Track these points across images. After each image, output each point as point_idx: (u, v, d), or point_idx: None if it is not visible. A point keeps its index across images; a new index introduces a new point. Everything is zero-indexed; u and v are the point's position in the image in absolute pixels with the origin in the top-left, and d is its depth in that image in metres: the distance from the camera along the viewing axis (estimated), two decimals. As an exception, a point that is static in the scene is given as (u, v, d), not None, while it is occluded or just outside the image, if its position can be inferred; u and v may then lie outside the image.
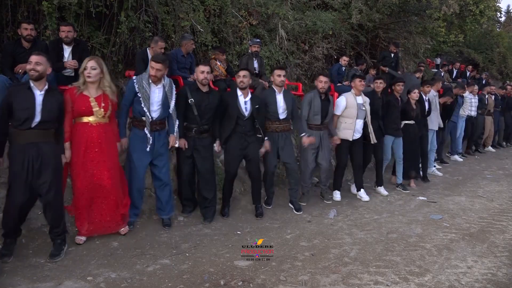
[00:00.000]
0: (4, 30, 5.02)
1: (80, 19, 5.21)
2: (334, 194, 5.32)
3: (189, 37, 5.62)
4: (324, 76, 4.84)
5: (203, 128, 4.15)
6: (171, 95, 3.95)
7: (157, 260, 3.35)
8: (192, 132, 4.13)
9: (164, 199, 4.06)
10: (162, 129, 3.98)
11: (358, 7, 8.32)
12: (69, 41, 4.54)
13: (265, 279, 3.06)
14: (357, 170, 5.39)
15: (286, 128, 4.68)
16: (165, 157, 4.02)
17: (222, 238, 3.87)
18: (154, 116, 3.85)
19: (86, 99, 3.45)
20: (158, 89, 3.87)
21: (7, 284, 2.86)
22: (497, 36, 15.68)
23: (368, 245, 3.76)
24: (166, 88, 3.92)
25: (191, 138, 4.14)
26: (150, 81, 3.81)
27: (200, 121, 4.11)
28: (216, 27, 6.75)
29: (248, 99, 4.35)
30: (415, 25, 9.60)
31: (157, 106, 3.85)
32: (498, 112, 9.44)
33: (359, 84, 5.12)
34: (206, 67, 4.11)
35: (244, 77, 4.29)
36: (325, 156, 4.94)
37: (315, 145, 4.82)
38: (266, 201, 4.85)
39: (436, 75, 9.86)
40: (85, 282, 2.95)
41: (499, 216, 4.71)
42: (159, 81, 3.87)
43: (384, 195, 5.55)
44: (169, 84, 3.98)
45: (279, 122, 4.59)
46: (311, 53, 8.14)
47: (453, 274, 3.20)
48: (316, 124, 4.83)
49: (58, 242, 3.34)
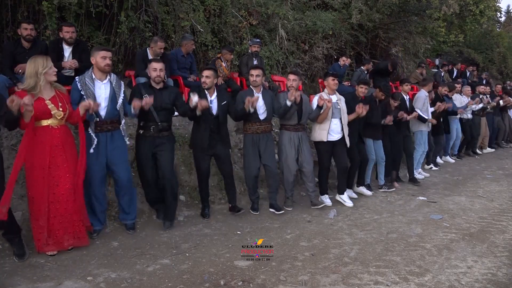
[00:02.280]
0: (4, 30, 5.03)
1: (80, 19, 5.23)
2: (323, 199, 5.02)
3: (189, 37, 5.62)
4: (293, 73, 4.65)
5: (162, 126, 3.93)
6: (119, 91, 3.70)
7: (157, 260, 3.35)
8: (151, 131, 3.90)
9: (126, 205, 3.84)
10: (115, 129, 3.68)
11: (358, 7, 8.32)
12: (72, 42, 4.54)
13: (265, 279, 3.06)
14: (341, 173, 5.10)
15: (267, 129, 4.54)
16: (122, 160, 3.73)
17: (222, 238, 3.87)
18: (103, 115, 3.58)
19: (41, 102, 3.19)
20: (104, 85, 3.62)
21: (7, 284, 2.86)
22: (497, 36, 15.69)
23: (368, 245, 3.76)
24: (114, 83, 3.68)
25: (150, 137, 3.91)
26: (94, 77, 3.58)
27: (158, 119, 3.88)
28: (216, 27, 6.75)
29: (214, 98, 4.22)
30: (415, 25, 9.60)
31: (104, 104, 3.58)
32: (492, 114, 9.11)
33: (332, 83, 4.88)
34: (159, 64, 3.91)
35: (207, 77, 4.15)
36: (306, 158, 4.73)
37: (295, 146, 4.66)
38: (252, 206, 4.66)
39: (436, 75, 9.85)
40: (85, 282, 2.95)
41: (499, 216, 4.71)
42: (105, 77, 3.63)
43: (367, 195, 5.41)
44: (117, 80, 3.74)
45: (259, 123, 4.45)
46: (311, 53, 8.15)
47: (453, 274, 3.20)
48: (293, 125, 4.66)
49: (16, 241, 3.24)
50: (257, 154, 4.47)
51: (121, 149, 3.72)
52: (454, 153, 8.17)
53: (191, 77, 5.59)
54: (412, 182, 6.22)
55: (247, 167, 4.53)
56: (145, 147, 3.92)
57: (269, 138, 4.56)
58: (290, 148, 4.65)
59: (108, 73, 3.67)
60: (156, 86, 3.97)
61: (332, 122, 4.85)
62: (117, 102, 3.67)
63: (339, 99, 4.97)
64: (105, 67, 3.57)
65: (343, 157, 5.03)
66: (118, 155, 3.68)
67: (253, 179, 4.52)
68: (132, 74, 5.21)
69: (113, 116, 3.65)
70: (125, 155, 3.79)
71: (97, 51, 3.60)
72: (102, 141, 3.59)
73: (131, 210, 3.89)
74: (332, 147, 4.92)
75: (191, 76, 5.61)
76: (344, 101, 5.02)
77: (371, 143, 5.59)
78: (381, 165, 5.75)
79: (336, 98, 4.93)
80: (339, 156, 5.00)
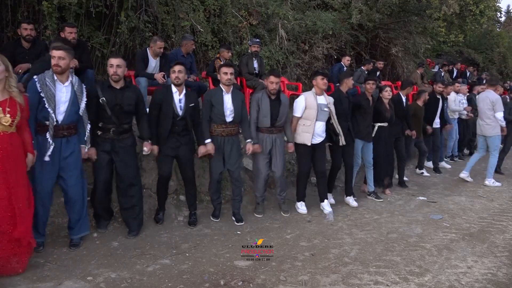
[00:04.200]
0: (4, 30, 5.04)
1: (80, 19, 5.23)
2: (298, 206, 4.75)
3: (189, 37, 5.62)
4: (275, 76, 4.35)
5: (122, 128, 3.66)
6: (81, 94, 3.41)
7: (157, 260, 3.35)
8: (110, 133, 3.62)
9: (74, 217, 3.50)
10: (71, 135, 3.39)
11: (358, 7, 8.33)
12: (75, 42, 4.54)
13: (265, 279, 3.06)
14: (320, 179, 4.76)
15: (233, 132, 4.23)
16: (74, 168, 3.43)
17: (222, 238, 3.87)
18: (60, 119, 3.29)
19: None
20: (65, 88, 3.33)
21: (7, 284, 2.86)
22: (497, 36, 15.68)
23: (368, 245, 3.76)
24: (75, 86, 3.39)
25: (108, 140, 3.63)
26: (55, 78, 3.28)
27: (118, 121, 3.62)
28: (216, 27, 6.76)
29: (182, 97, 3.96)
30: (415, 25, 9.60)
31: (64, 107, 3.30)
32: None
33: (321, 83, 4.55)
34: (116, 60, 3.60)
35: (180, 72, 3.88)
36: (278, 163, 4.49)
37: (267, 151, 4.43)
38: (213, 213, 4.41)
39: (436, 75, 9.84)
40: (85, 282, 2.94)
41: (499, 216, 4.71)
42: (67, 78, 3.35)
43: (353, 206, 4.98)
44: (79, 83, 3.45)
45: (225, 126, 4.15)
46: (311, 53, 8.16)
47: (453, 274, 3.20)
48: (267, 127, 4.40)
49: None
50: (221, 158, 4.20)
51: (75, 157, 3.42)
52: (455, 155, 8.02)
53: (191, 77, 5.58)
54: (400, 186, 5.98)
55: (211, 171, 4.28)
56: (102, 150, 3.63)
57: (235, 141, 4.27)
58: (262, 150, 4.42)
59: (70, 75, 3.39)
60: (115, 85, 3.63)
61: (316, 124, 4.56)
62: (79, 106, 3.39)
63: (329, 102, 4.64)
64: (53, 67, 3.26)
65: (322, 162, 4.75)
66: (71, 162, 3.39)
67: (215, 184, 4.28)
68: (132, 74, 5.20)
69: (71, 121, 3.37)
70: (79, 164, 3.47)
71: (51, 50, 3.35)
72: (56, 146, 3.31)
73: (78, 224, 3.53)
74: (312, 151, 4.63)
75: (191, 76, 5.60)
76: (333, 103, 4.69)
77: (359, 146, 5.19)
78: (369, 170, 5.37)
79: (326, 101, 4.62)
80: (318, 161, 4.70)
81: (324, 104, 4.59)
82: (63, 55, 3.27)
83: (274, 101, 4.38)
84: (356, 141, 5.13)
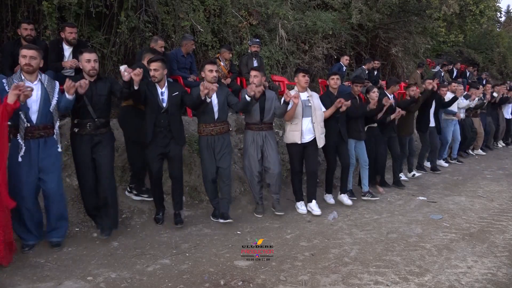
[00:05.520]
0: (4, 30, 5.04)
1: (80, 19, 5.23)
2: (298, 206, 4.71)
3: (189, 37, 5.63)
4: (255, 70, 4.31)
5: (99, 122, 3.57)
6: (52, 91, 3.36)
7: (157, 260, 3.35)
8: (87, 128, 3.53)
9: (53, 219, 3.43)
10: (49, 135, 3.34)
11: (358, 7, 8.34)
12: (75, 42, 4.54)
13: (265, 279, 3.06)
14: (310, 178, 4.67)
15: (223, 130, 4.16)
16: (54, 169, 3.38)
17: (222, 238, 3.87)
18: (34, 119, 3.25)
19: None
20: (35, 86, 3.25)
21: (7, 284, 2.86)
22: (497, 36, 15.70)
23: (368, 245, 3.76)
24: (45, 84, 3.33)
25: (86, 136, 3.54)
26: (23, 78, 3.24)
27: (95, 114, 3.54)
28: (216, 27, 6.76)
29: (164, 89, 3.88)
30: (415, 25, 9.61)
31: (36, 106, 3.25)
32: (484, 114, 8.78)
33: (302, 80, 4.49)
34: (92, 55, 3.52)
35: (156, 70, 3.82)
36: (272, 158, 4.41)
37: (258, 149, 4.38)
38: (213, 213, 4.38)
39: (436, 75, 9.85)
40: (85, 282, 2.95)
41: (499, 216, 4.71)
42: (36, 78, 3.29)
43: (348, 205, 4.93)
44: (49, 80, 3.39)
45: (214, 124, 4.09)
46: (311, 53, 8.17)
47: (453, 274, 3.20)
48: (256, 123, 4.37)
49: None
50: (213, 157, 4.14)
51: (54, 157, 3.38)
52: (453, 157, 7.87)
53: (191, 77, 5.59)
54: (395, 186, 5.93)
55: (204, 172, 4.22)
56: (82, 147, 3.56)
57: (225, 139, 4.20)
58: (252, 148, 4.37)
59: (38, 74, 3.33)
60: (90, 79, 3.53)
61: (304, 122, 4.49)
62: (51, 104, 3.33)
63: (310, 96, 4.57)
64: (24, 66, 3.24)
65: (313, 161, 4.65)
66: (50, 163, 3.34)
67: (211, 184, 4.21)
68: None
69: (46, 121, 3.32)
70: (58, 164, 3.44)
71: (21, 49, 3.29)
72: (33, 148, 3.26)
73: (59, 225, 3.47)
74: (303, 149, 4.57)
75: (191, 76, 5.61)
76: (317, 98, 4.65)
77: (352, 145, 5.15)
78: (364, 169, 5.31)
79: (307, 95, 4.56)
80: (309, 160, 4.61)
81: (306, 100, 4.54)
82: (35, 55, 3.26)
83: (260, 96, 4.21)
84: (349, 141, 5.08)
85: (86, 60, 3.51)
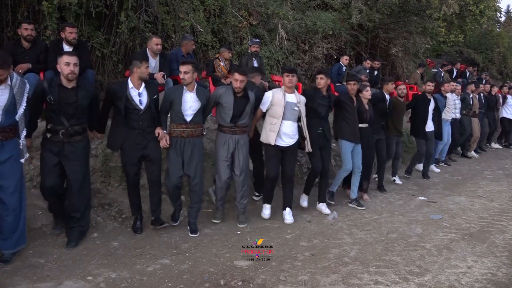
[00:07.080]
0: (4, 30, 5.04)
1: (80, 19, 5.23)
2: (263, 210, 4.49)
3: (189, 37, 5.63)
4: (240, 73, 3.97)
5: (73, 130, 3.40)
6: (20, 98, 3.13)
7: (157, 260, 3.35)
8: (59, 135, 3.37)
9: (7, 229, 3.15)
10: (7, 139, 3.11)
11: (358, 7, 8.34)
12: (75, 43, 4.54)
13: (265, 279, 3.06)
14: (287, 184, 4.45)
15: (195, 133, 3.86)
16: (13, 175, 3.15)
17: (222, 238, 3.87)
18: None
19: None
20: (1, 91, 3.03)
21: (7, 284, 2.86)
22: (497, 36, 15.68)
23: (368, 245, 3.76)
24: (15, 89, 3.09)
25: (58, 142, 3.38)
26: None
27: (68, 122, 3.37)
28: (216, 27, 6.77)
29: (142, 90, 3.70)
30: (415, 25, 9.61)
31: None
32: (482, 114, 8.63)
33: (286, 80, 4.24)
34: (73, 58, 3.33)
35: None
36: (240, 165, 4.10)
37: (229, 153, 4.08)
38: (172, 215, 4.15)
39: (436, 75, 9.85)
40: (85, 282, 2.95)
41: (499, 216, 4.71)
42: (3, 82, 3.03)
43: (325, 214, 4.67)
44: (20, 85, 3.13)
45: (185, 126, 3.81)
46: (311, 53, 8.17)
47: (453, 274, 3.20)
48: (229, 127, 4.04)
49: None
50: (180, 162, 3.85)
51: (13, 162, 3.14)
52: (441, 159, 7.54)
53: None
54: (379, 190, 5.72)
55: (168, 175, 3.89)
56: (50, 153, 3.40)
57: (197, 144, 3.89)
58: (222, 152, 4.08)
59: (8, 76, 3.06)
60: (67, 85, 3.36)
61: (284, 124, 4.23)
62: (16, 112, 3.11)
63: (299, 102, 4.31)
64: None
65: (291, 167, 4.43)
66: (8, 169, 3.12)
67: (174, 189, 3.90)
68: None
69: (6, 124, 3.09)
70: (17, 170, 3.19)
71: None
72: None
73: (13, 235, 3.20)
74: (281, 154, 4.31)
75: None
76: (304, 103, 4.39)
77: (348, 149, 4.86)
78: (356, 175, 5.00)
79: (296, 100, 4.30)
80: (287, 164, 4.37)
81: (293, 103, 4.27)
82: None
83: (240, 98, 4.03)
84: (344, 143, 4.86)
85: (65, 63, 3.29)
